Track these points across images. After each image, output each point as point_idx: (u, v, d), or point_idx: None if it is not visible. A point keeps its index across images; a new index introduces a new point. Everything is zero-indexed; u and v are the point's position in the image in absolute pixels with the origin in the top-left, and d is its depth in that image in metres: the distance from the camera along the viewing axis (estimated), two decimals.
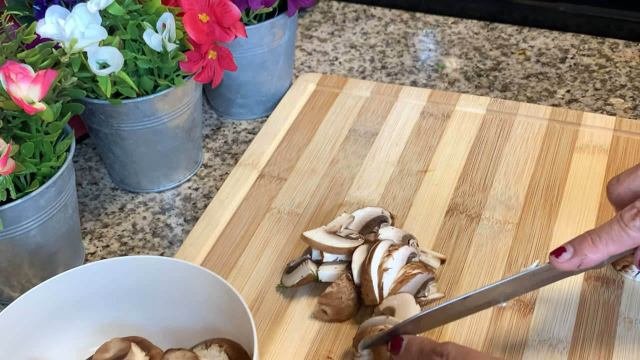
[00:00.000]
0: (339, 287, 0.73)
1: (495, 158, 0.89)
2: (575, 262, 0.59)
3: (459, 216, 0.82)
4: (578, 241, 0.59)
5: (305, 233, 0.76)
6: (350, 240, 0.76)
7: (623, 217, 0.58)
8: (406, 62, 1.08)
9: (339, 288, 0.73)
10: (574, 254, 0.59)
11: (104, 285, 0.69)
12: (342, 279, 0.73)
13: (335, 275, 0.74)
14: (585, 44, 1.08)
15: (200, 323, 0.69)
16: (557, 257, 0.60)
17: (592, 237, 0.59)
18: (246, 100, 0.99)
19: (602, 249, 0.58)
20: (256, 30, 0.92)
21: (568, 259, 0.59)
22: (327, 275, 0.74)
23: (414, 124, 0.94)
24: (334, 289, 0.72)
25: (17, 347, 0.66)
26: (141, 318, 0.70)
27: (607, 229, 0.58)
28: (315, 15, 1.19)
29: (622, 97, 0.99)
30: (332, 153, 0.91)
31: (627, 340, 0.70)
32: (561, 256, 0.60)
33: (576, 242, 0.60)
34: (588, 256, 0.59)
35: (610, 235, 0.58)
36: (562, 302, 0.73)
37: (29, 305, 0.66)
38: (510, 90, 1.02)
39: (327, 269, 0.74)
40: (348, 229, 0.78)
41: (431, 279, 0.74)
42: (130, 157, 0.88)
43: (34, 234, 0.74)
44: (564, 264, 0.60)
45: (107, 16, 0.79)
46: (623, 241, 0.58)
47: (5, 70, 0.68)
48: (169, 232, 0.86)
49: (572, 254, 0.59)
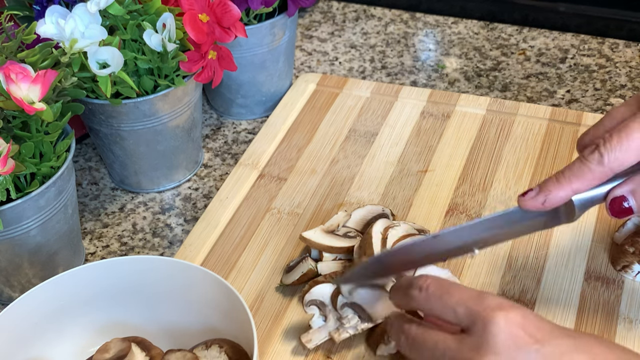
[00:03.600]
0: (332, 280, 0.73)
1: (495, 158, 0.89)
2: (540, 199, 0.61)
3: (459, 216, 0.82)
4: (544, 181, 0.62)
5: (304, 233, 0.76)
6: (348, 239, 0.76)
7: (584, 154, 0.60)
8: (406, 62, 1.08)
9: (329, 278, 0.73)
10: (539, 192, 0.61)
11: (103, 285, 0.69)
12: (337, 274, 0.73)
13: (335, 269, 0.74)
14: (585, 44, 1.08)
15: (200, 323, 0.69)
16: (523, 196, 0.62)
17: (557, 176, 0.61)
18: (246, 100, 0.99)
19: (565, 185, 0.60)
20: (256, 30, 0.92)
21: (533, 196, 0.61)
22: (327, 269, 0.74)
23: (414, 124, 0.94)
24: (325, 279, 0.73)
25: (17, 347, 0.66)
26: (141, 318, 0.70)
27: (570, 166, 0.61)
28: (315, 15, 1.19)
29: (622, 97, 0.99)
30: (332, 153, 0.91)
31: (627, 340, 0.70)
32: (527, 194, 0.62)
33: (542, 182, 0.62)
34: (552, 192, 0.60)
35: (572, 171, 0.60)
36: (562, 302, 0.73)
37: (29, 305, 0.66)
38: (510, 90, 1.02)
39: (327, 263, 0.75)
40: (346, 226, 0.78)
41: None
42: (130, 157, 0.88)
43: (34, 234, 0.74)
44: (528, 201, 0.61)
45: (107, 16, 0.79)
46: (584, 175, 0.60)
47: (5, 70, 0.68)
48: (169, 232, 0.86)
49: (537, 192, 0.61)
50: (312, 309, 0.71)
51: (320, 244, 0.75)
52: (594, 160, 0.59)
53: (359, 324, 0.69)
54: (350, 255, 0.76)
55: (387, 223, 0.75)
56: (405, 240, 0.68)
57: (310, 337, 0.70)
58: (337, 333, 0.69)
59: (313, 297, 0.71)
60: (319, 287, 0.71)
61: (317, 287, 0.71)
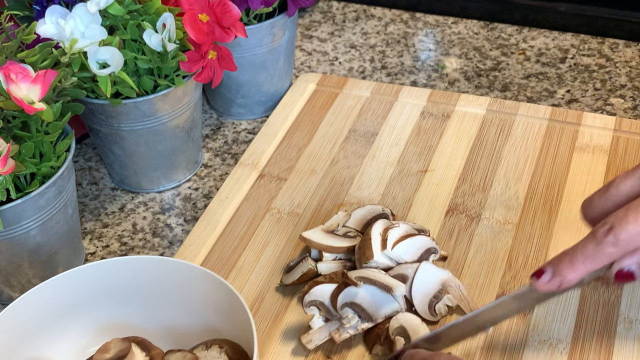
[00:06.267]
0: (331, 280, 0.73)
1: (495, 158, 0.89)
2: (555, 283, 0.60)
3: (459, 216, 0.82)
4: (556, 262, 0.60)
5: (304, 233, 0.76)
6: (348, 239, 0.76)
7: (597, 235, 0.58)
8: (406, 62, 1.08)
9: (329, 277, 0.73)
10: (554, 275, 0.60)
11: (103, 285, 0.69)
12: (337, 274, 0.73)
13: (335, 269, 0.74)
14: (585, 44, 1.08)
15: (200, 323, 0.69)
16: (537, 278, 0.61)
17: (570, 257, 0.59)
18: (246, 100, 0.99)
19: (580, 268, 0.59)
20: (256, 30, 0.92)
21: (548, 280, 0.60)
22: (326, 269, 0.74)
23: (414, 124, 0.94)
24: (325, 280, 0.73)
25: (17, 347, 0.66)
26: (141, 318, 0.70)
27: (582, 248, 0.59)
28: (315, 15, 1.19)
29: (622, 97, 0.99)
30: (332, 153, 0.91)
31: (627, 340, 0.70)
32: (541, 278, 0.60)
33: (555, 262, 0.60)
34: (567, 276, 0.59)
35: (585, 253, 0.58)
36: (562, 302, 0.73)
37: (29, 305, 0.66)
38: (510, 90, 1.02)
39: (327, 263, 0.75)
40: (346, 226, 0.78)
41: (434, 251, 0.74)
42: (130, 157, 0.88)
43: (34, 234, 0.74)
44: (544, 285, 0.60)
45: (107, 16, 0.79)
46: (599, 258, 0.58)
47: (5, 70, 0.68)
48: (169, 232, 0.86)
49: (552, 275, 0.60)
50: (311, 310, 0.71)
51: (320, 243, 0.75)
52: (609, 243, 0.57)
53: (359, 324, 0.69)
54: (350, 255, 0.76)
55: (386, 224, 0.75)
56: (421, 337, 0.69)
57: (311, 338, 0.70)
58: (338, 333, 0.69)
59: (313, 298, 0.71)
60: (319, 287, 0.71)
61: (317, 288, 0.71)
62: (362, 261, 0.72)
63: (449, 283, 0.72)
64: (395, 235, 0.74)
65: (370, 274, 0.70)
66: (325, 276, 0.73)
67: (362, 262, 0.72)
